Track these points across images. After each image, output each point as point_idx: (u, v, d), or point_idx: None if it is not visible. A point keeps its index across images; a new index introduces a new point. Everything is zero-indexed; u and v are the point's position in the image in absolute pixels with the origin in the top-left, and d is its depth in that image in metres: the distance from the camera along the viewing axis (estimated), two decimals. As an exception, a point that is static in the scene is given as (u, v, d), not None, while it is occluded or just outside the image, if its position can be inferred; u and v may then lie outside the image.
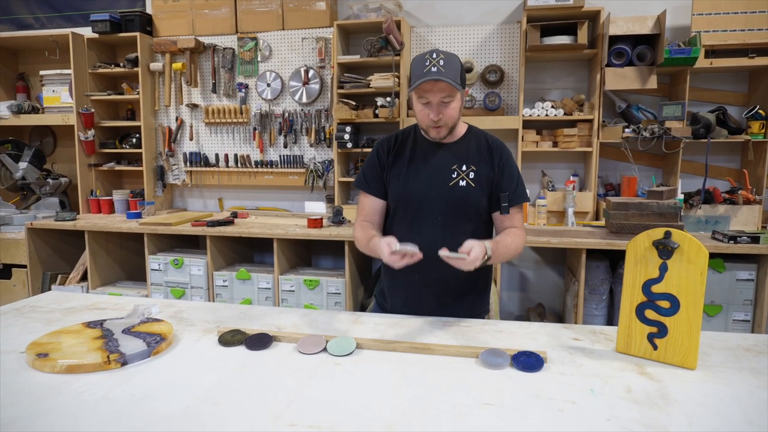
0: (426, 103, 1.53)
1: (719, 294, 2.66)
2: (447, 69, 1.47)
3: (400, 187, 1.64)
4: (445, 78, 1.45)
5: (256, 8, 3.62)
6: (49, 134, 4.20)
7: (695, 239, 1.17)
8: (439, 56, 1.48)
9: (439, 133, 1.59)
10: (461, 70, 1.53)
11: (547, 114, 3.19)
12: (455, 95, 1.52)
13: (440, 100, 1.51)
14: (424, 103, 1.53)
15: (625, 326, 1.27)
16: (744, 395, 1.05)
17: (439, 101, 1.51)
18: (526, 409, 1.00)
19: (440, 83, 1.47)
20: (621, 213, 2.67)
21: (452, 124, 1.58)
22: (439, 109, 1.52)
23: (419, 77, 1.49)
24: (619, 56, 3.00)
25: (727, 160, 3.25)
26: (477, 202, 1.61)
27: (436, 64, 1.47)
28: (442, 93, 1.49)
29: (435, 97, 1.50)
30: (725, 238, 2.58)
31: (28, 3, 4.19)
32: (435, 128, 1.57)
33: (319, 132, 3.61)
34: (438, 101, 1.51)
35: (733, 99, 3.20)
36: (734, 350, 1.29)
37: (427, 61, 1.48)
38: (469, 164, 1.62)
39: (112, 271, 3.55)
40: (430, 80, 1.46)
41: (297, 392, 1.08)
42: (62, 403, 1.03)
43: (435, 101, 1.51)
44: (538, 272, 3.57)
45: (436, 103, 1.51)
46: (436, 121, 1.54)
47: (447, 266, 1.58)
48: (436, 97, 1.50)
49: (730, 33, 2.95)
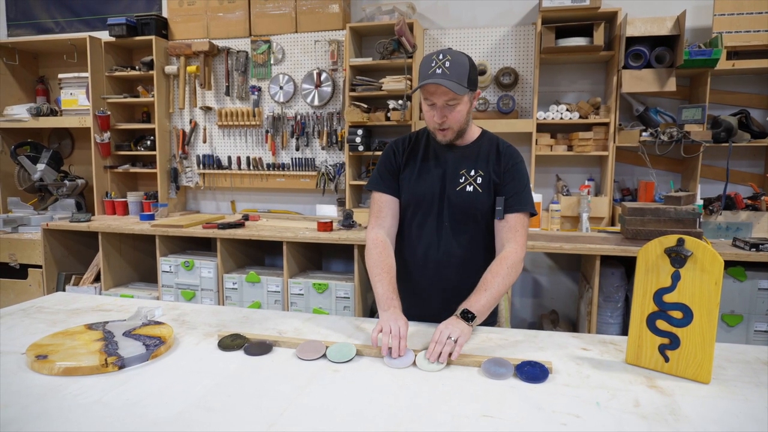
0: (431, 105, 1.50)
1: (740, 304, 2.57)
2: (453, 71, 1.42)
3: (411, 187, 1.62)
4: (448, 81, 1.41)
5: (270, 11, 3.63)
6: (67, 136, 4.27)
7: (709, 247, 1.11)
8: (446, 57, 1.43)
9: (445, 137, 1.55)
10: (470, 71, 1.47)
11: (562, 117, 3.12)
12: (461, 98, 1.47)
13: (445, 103, 1.47)
14: (430, 105, 1.50)
15: (636, 337, 1.22)
16: (761, 412, 1.00)
17: (444, 104, 1.47)
18: (527, 423, 0.96)
19: (443, 87, 1.43)
20: (637, 219, 2.60)
21: (458, 128, 1.54)
22: (443, 111, 1.49)
23: (424, 78, 1.45)
24: (636, 58, 2.93)
25: (750, 165, 3.15)
26: (484, 207, 1.57)
27: (441, 65, 1.42)
28: (446, 96, 1.45)
29: (439, 99, 1.46)
30: (747, 245, 2.49)
31: (48, 7, 4.28)
32: (441, 131, 1.54)
33: (331, 135, 3.60)
34: (443, 104, 1.47)
35: (757, 102, 3.10)
36: (752, 363, 1.23)
37: (433, 62, 1.44)
38: (477, 169, 1.58)
39: (125, 273, 3.58)
40: (433, 83, 1.42)
41: (292, 399, 1.05)
42: (56, 406, 1.02)
43: (440, 104, 1.47)
44: (551, 278, 3.51)
45: (440, 106, 1.48)
46: (441, 124, 1.51)
47: (453, 271, 1.57)
48: (441, 100, 1.46)
49: (753, 34, 2.86)
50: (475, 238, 1.59)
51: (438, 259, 1.59)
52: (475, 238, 1.59)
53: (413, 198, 1.61)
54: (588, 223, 3.00)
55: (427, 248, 1.59)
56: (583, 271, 3.18)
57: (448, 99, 1.46)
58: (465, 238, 1.58)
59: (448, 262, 1.58)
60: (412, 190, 1.62)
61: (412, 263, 1.64)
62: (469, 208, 1.57)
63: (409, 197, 1.62)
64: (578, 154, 3.15)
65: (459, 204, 1.57)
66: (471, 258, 1.59)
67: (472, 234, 1.59)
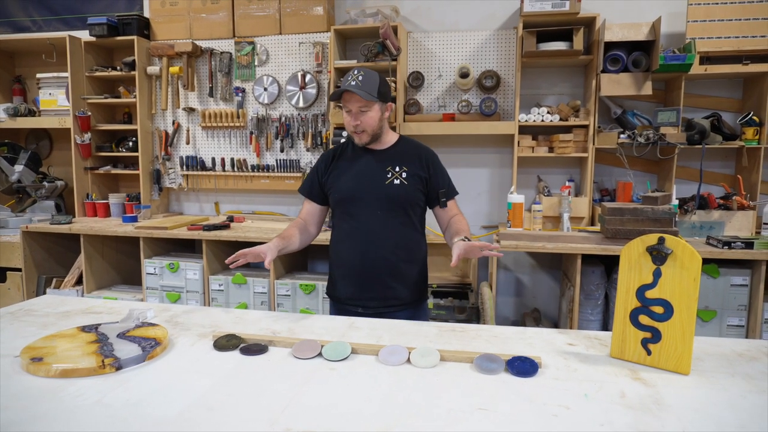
0: (348, 111, 1.80)
1: (714, 299, 2.67)
2: (364, 83, 1.76)
3: (342, 187, 1.88)
4: (359, 90, 1.73)
5: (254, 13, 3.63)
6: (45, 137, 4.20)
7: (688, 245, 1.17)
8: (360, 73, 1.78)
9: (361, 139, 1.84)
10: (380, 85, 1.80)
11: (543, 119, 3.20)
12: (372, 106, 1.79)
13: (359, 109, 1.78)
14: (347, 111, 1.81)
15: (620, 332, 1.28)
16: (737, 400, 1.06)
17: (358, 110, 1.78)
18: (520, 415, 1.00)
19: (356, 95, 1.74)
20: (616, 218, 2.69)
21: (371, 132, 1.82)
22: (358, 116, 1.79)
23: (334, 95, 1.79)
24: (614, 62, 3.02)
25: (722, 166, 3.27)
26: (411, 196, 1.86)
27: (355, 79, 1.76)
28: (359, 102, 1.77)
29: (354, 106, 1.78)
30: (720, 243, 2.59)
31: (25, 6, 4.20)
32: (356, 134, 1.83)
33: (316, 136, 3.62)
34: (357, 110, 1.78)
35: (728, 105, 3.22)
36: (727, 355, 1.30)
37: (349, 77, 1.78)
38: (401, 166, 1.87)
39: (107, 275, 3.54)
40: (347, 92, 1.75)
41: (291, 397, 1.08)
42: (56, 408, 1.03)
43: (354, 110, 1.79)
44: (533, 277, 3.58)
45: (355, 112, 1.79)
46: (356, 126, 1.80)
47: (390, 252, 1.85)
48: (355, 106, 1.78)
49: (724, 40, 2.97)
50: (404, 222, 1.88)
51: (377, 243, 1.85)
52: (404, 222, 1.88)
53: (348, 194, 1.88)
54: (569, 222, 3.08)
55: (366, 235, 1.85)
56: (565, 270, 3.26)
57: (361, 105, 1.78)
58: (396, 222, 1.86)
59: (384, 244, 1.85)
60: (343, 188, 1.88)
61: (353, 250, 1.87)
62: (398, 197, 1.85)
63: (343, 194, 1.88)
64: (559, 156, 3.23)
65: (390, 195, 1.84)
66: (402, 239, 1.87)
67: (402, 219, 1.87)
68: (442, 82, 3.52)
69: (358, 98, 1.76)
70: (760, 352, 1.32)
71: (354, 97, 1.76)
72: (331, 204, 1.95)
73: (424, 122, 3.37)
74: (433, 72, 3.52)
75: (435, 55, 3.51)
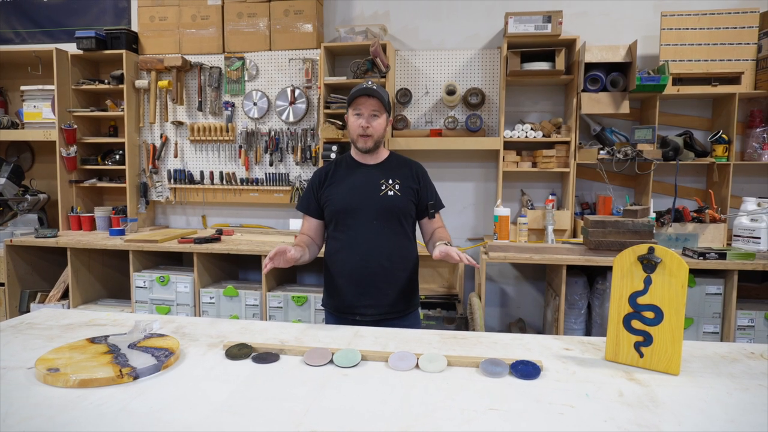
0: (358, 114, 1.89)
1: (690, 308, 2.81)
2: (380, 90, 1.88)
3: (338, 200, 1.95)
4: (376, 94, 1.85)
5: (244, 29, 3.69)
6: (26, 150, 4.14)
7: (676, 255, 1.27)
8: (374, 83, 1.90)
9: (366, 143, 1.91)
10: (388, 97, 1.93)
11: (527, 136, 3.33)
12: (382, 114, 1.90)
13: (370, 113, 1.87)
14: (357, 114, 1.89)
15: (614, 336, 1.36)
16: (724, 397, 1.15)
17: (370, 114, 1.88)
18: (529, 413, 1.07)
19: (372, 99, 1.86)
20: (599, 230, 2.81)
21: (377, 137, 1.92)
22: (369, 120, 1.88)
23: (357, 92, 1.87)
24: (594, 82, 3.18)
25: (694, 181, 3.45)
26: (405, 207, 1.96)
27: (371, 85, 1.88)
28: (372, 106, 1.87)
29: (367, 109, 1.87)
30: (695, 254, 2.73)
31: (8, 18, 4.17)
32: (363, 137, 1.90)
33: (305, 151, 3.68)
34: (369, 113, 1.88)
35: (699, 124, 3.41)
36: (712, 357, 1.40)
37: (365, 84, 1.89)
38: (394, 178, 1.96)
39: (93, 289, 3.50)
40: (365, 94, 1.85)
41: (311, 401, 1.12)
42: (80, 416, 1.05)
43: (366, 113, 1.88)
44: (518, 288, 3.68)
45: (367, 115, 1.88)
46: (366, 129, 1.88)
47: (385, 259, 1.92)
48: (368, 109, 1.87)
49: (695, 63, 3.16)
50: (398, 232, 1.96)
51: (374, 251, 1.93)
52: (398, 231, 1.96)
53: (344, 205, 1.94)
54: (553, 235, 3.20)
55: (363, 244, 1.92)
56: (549, 281, 3.37)
57: (374, 109, 1.88)
58: (391, 231, 1.94)
59: (381, 252, 1.93)
60: (341, 199, 1.95)
61: (351, 259, 1.94)
62: (393, 207, 1.94)
63: (339, 206, 1.95)
64: (542, 171, 3.36)
65: (385, 205, 1.93)
66: (397, 247, 1.96)
67: (396, 228, 1.96)
68: (429, 98, 3.63)
69: (373, 102, 1.86)
70: (740, 354, 1.42)
71: (369, 100, 1.86)
72: (327, 217, 2.01)
73: (412, 137, 3.46)
74: (420, 89, 3.63)
75: (422, 72, 3.62)
